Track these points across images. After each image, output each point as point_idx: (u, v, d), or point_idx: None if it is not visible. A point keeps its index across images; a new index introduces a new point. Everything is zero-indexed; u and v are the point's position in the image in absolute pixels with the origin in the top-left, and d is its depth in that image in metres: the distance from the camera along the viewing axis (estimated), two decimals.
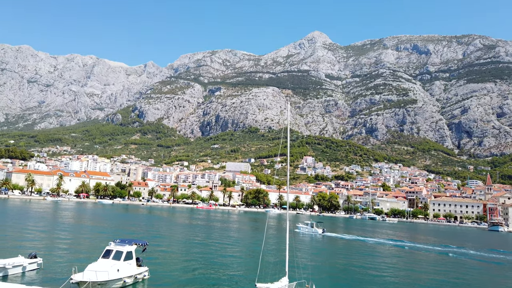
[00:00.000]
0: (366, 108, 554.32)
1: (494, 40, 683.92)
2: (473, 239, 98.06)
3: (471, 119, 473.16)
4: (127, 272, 26.05)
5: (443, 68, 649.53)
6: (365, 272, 37.62)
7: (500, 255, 60.08)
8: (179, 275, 31.21)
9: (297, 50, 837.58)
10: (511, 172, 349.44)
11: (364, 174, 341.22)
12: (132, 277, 26.59)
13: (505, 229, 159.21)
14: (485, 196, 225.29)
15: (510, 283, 38.06)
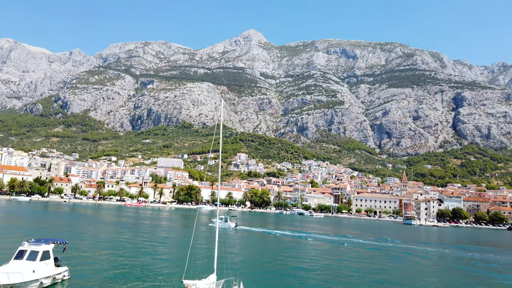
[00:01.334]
0: (298, 107, 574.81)
1: (412, 49, 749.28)
2: (378, 231, 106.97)
3: (391, 121, 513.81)
4: (44, 273, 24.75)
5: (368, 73, 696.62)
6: (289, 265, 39.28)
7: (383, 243, 66.38)
8: (102, 275, 30.17)
9: (233, 47, 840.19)
10: (423, 170, 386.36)
11: (295, 171, 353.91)
12: (50, 278, 25.33)
13: (417, 222, 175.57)
14: (401, 192, 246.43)
15: (376, 264, 42.57)
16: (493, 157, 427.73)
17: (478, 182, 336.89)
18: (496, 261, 50.96)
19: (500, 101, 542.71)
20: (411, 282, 34.05)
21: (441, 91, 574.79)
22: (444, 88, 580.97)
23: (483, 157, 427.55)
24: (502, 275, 40.63)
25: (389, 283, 32.83)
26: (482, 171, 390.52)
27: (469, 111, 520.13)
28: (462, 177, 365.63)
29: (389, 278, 35.06)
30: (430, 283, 33.77)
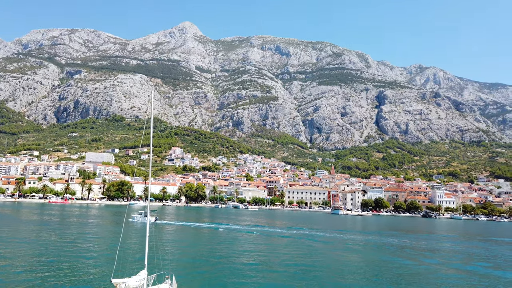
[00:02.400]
0: (234, 102, 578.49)
1: (341, 49, 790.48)
2: (307, 221, 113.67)
3: (321, 117, 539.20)
4: None
5: (301, 70, 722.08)
6: (219, 256, 40.66)
7: (295, 231, 71.66)
8: (23, 279, 28.11)
9: (167, 39, 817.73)
10: (350, 163, 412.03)
11: (230, 165, 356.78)
12: None
13: (344, 212, 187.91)
14: (329, 184, 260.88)
15: (279, 248, 45.89)
16: (410, 151, 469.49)
17: (397, 174, 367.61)
18: (411, 246, 57.37)
19: (416, 100, 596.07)
20: (342, 272, 34.52)
21: (366, 90, 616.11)
22: (368, 86, 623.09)
23: (401, 151, 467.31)
24: (425, 257, 46.10)
25: (312, 268, 34.81)
26: (400, 164, 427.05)
27: (390, 109, 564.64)
28: (384, 170, 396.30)
29: (313, 264, 37.20)
30: (352, 271, 35.51)
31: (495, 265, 37.58)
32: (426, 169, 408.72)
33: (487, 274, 34.38)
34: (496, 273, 33.74)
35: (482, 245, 63.37)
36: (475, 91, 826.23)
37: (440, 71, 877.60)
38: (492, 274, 34.07)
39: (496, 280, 31.67)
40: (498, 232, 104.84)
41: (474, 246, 60.99)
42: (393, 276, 31.60)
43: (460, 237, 79.99)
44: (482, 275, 33.89)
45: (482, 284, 30.03)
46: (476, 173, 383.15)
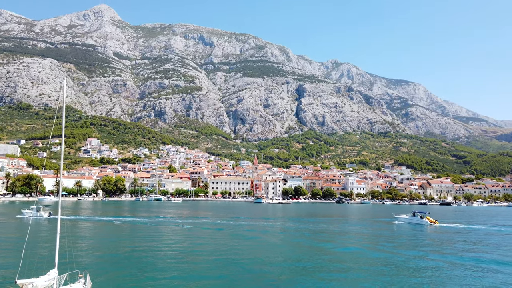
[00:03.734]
0: (156, 91, 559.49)
1: (264, 42, 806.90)
2: (230, 210, 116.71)
3: (245, 108, 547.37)
4: None
5: (225, 61, 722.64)
6: (134, 250, 40.03)
7: (218, 221, 74.82)
8: None
9: (81, 22, 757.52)
10: (272, 154, 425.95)
11: (152, 157, 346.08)
12: None
13: (266, 201, 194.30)
14: (252, 174, 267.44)
15: (202, 239, 46.38)
16: (327, 141, 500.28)
17: (315, 163, 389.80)
18: (326, 230, 62.19)
19: (332, 94, 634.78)
20: (265, 259, 34.91)
21: (287, 82, 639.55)
22: (289, 79, 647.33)
23: (319, 141, 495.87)
24: (330, 243, 50.24)
25: (236, 257, 35.37)
26: (318, 154, 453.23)
27: (308, 101, 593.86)
28: (303, 159, 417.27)
29: (236, 253, 38.11)
30: (275, 257, 36.38)
31: (398, 245, 42.77)
32: (340, 158, 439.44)
33: (392, 251, 39.08)
34: (399, 252, 38.19)
35: (386, 226, 71.23)
36: (383, 87, 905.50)
37: (353, 67, 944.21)
38: (395, 251, 38.77)
39: (400, 257, 36.25)
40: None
41: (379, 228, 68.16)
42: (315, 259, 33.81)
43: (367, 219, 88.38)
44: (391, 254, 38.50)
45: (392, 262, 33.96)
46: (383, 162, 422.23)
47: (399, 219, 77.11)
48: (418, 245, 43.28)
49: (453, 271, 29.51)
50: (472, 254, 37.15)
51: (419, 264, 32.50)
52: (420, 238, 52.41)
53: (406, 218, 76.06)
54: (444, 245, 44.45)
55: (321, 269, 29.51)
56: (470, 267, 31.37)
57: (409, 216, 76.76)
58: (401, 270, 29.78)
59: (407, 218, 75.88)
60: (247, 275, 27.84)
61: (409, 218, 75.33)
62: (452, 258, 34.95)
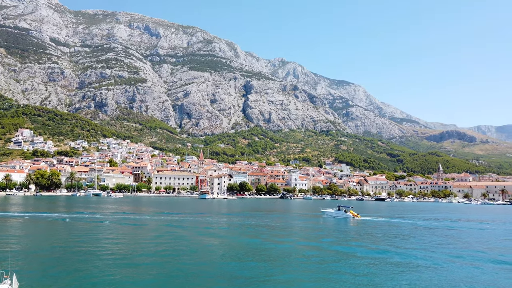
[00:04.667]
0: (97, 81, 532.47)
1: (212, 36, 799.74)
2: (173, 206, 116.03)
3: (191, 102, 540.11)
4: None
5: (171, 53, 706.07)
6: (65, 247, 38.30)
7: (163, 217, 75.13)
8: None
9: (14, 3, 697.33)
10: (218, 149, 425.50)
11: (92, 150, 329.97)
12: None
13: (211, 196, 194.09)
14: (198, 170, 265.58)
15: (143, 236, 44.91)
16: (272, 138, 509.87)
17: (260, 159, 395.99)
18: (267, 225, 64.23)
19: (278, 91, 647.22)
20: (208, 256, 34.92)
21: (235, 78, 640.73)
22: (237, 76, 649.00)
23: (265, 138, 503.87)
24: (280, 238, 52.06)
25: (178, 254, 34.95)
26: (263, 150, 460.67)
27: (255, 98, 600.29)
28: (249, 155, 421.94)
29: (179, 249, 37.98)
30: (218, 253, 36.51)
31: (337, 240, 45.56)
32: (285, 155, 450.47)
33: (328, 248, 41.58)
34: (336, 248, 40.68)
35: (316, 220, 75.19)
36: (326, 87, 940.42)
37: (299, 66, 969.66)
38: (331, 248, 41.29)
39: (333, 252, 38.76)
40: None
41: (309, 222, 71.79)
42: (256, 255, 33.87)
43: (307, 214, 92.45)
44: (328, 249, 40.93)
45: (330, 258, 36.17)
46: (324, 159, 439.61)
47: (325, 213, 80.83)
48: (348, 239, 46.49)
49: (383, 265, 32.30)
50: (388, 245, 40.97)
51: (355, 258, 34.94)
52: (345, 230, 56.01)
53: (332, 212, 79.84)
54: (368, 237, 48.22)
55: (260, 267, 30.39)
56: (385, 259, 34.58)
57: (334, 210, 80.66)
58: (332, 265, 31.72)
59: (333, 212, 79.68)
60: (187, 273, 27.10)
61: (334, 212, 79.18)
62: (380, 252, 38.21)
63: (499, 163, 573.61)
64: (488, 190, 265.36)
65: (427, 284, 24.47)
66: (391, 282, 24.57)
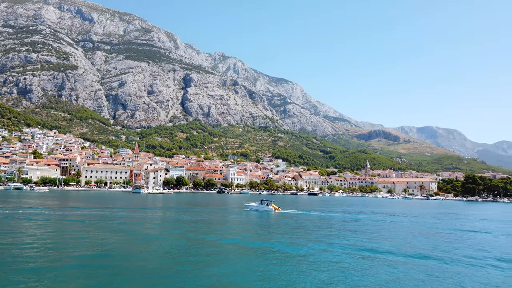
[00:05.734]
0: (20, 65, 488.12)
1: (150, 25, 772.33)
2: (104, 201, 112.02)
3: (127, 92, 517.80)
4: None
5: (106, 40, 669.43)
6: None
7: (93, 212, 73.28)
8: None
9: None
10: (154, 142, 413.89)
11: (13, 140, 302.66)
12: None
13: (145, 191, 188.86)
14: (132, 163, 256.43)
15: (68, 234, 41.18)
16: (211, 132, 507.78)
17: (198, 153, 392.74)
18: (202, 220, 64.60)
19: (218, 86, 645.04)
20: (141, 255, 34.11)
21: (174, 70, 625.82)
22: (176, 67, 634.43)
23: (203, 132, 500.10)
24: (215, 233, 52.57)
25: (107, 253, 35.29)
26: (202, 144, 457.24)
27: (195, 91, 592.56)
28: (186, 149, 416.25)
29: (108, 247, 37.77)
30: (152, 251, 35.96)
31: (257, 235, 47.26)
32: (223, 149, 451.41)
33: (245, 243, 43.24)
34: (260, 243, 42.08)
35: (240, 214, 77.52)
36: (265, 83, 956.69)
37: (239, 61, 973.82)
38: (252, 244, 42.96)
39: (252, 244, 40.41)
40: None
41: (234, 216, 73.79)
42: (192, 254, 34.18)
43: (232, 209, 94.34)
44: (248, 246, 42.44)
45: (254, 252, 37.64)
46: (262, 154, 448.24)
47: (248, 207, 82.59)
48: (271, 233, 48.77)
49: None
50: (307, 236, 43.98)
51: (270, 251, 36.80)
52: (267, 223, 58.52)
53: (255, 206, 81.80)
54: (283, 229, 51.06)
55: (198, 262, 30.75)
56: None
57: (257, 204, 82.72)
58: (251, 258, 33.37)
59: (256, 206, 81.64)
60: (120, 271, 24.97)
61: (257, 206, 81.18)
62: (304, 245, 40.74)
63: (419, 161, 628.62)
64: (408, 186, 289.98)
65: (309, 268, 26.42)
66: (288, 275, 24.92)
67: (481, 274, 25.75)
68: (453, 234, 48.83)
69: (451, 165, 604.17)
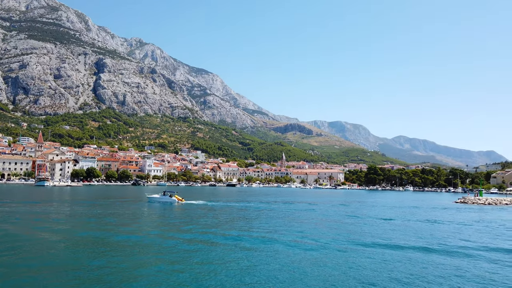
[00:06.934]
0: None
1: (58, 3, 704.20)
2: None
3: (29, 76, 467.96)
4: None
5: (4, 16, 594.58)
6: None
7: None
8: None
9: None
10: (62, 131, 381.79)
11: None
12: None
13: (51, 183, 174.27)
14: (36, 153, 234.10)
15: None
16: (126, 122, 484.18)
17: (112, 143, 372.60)
18: (96, 214, 62.57)
19: (135, 73, 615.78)
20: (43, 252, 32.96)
21: (85, 54, 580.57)
22: (88, 51, 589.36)
23: (118, 121, 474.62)
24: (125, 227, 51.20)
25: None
26: (116, 134, 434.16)
27: (109, 78, 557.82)
28: (99, 139, 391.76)
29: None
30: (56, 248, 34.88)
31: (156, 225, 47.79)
32: (139, 140, 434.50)
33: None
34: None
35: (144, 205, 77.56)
36: (185, 73, 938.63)
37: (158, 49, 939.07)
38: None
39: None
40: (195, 195, 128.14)
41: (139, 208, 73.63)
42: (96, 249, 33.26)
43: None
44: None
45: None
46: (181, 145, 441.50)
47: (151, 199, 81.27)
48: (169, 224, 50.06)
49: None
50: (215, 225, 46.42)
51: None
52: (170, 215, 59.76)
53: (158, 197, 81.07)
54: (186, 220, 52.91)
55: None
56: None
57: (160, 195, 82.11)
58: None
59: (159, 197, 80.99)
60: (21, 274, 22.08)
61: (160, 197, 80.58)
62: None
63: (329, 153, 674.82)
64: (319, 176, 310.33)
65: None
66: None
67: (357, 256, 30.05)
68: (352, 221, 54.84)
69: (357, 157, 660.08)
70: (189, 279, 21.52)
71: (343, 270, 23.97)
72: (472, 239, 38.06)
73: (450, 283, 21.70)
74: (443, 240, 36.73)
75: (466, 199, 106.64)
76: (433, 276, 23.14)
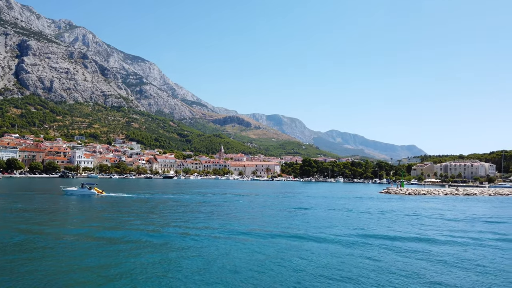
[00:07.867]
0: None
1: None
2: None
3: None
4: None
5: None
6: None
7: None
8: None
9: None
10: None
11: None
12: None
13: None
14: None
15: None
16: (53, 109, 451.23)
17: (37, 133, 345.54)
18: (24, 209, 59.10)
19: (64, 58, 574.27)
20: None
21: (6, 34, 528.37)
22: (9, 31, 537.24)
23: (44, 109, 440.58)
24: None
25: None
26: (41, 123, 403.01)
27: (33, 62, 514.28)
28: (22, 128, 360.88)
29: None
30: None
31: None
32: (68, 129, 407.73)
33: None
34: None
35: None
36: (120, 60, 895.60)
37: (90, 33, 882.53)
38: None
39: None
40: (120, 188, 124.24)
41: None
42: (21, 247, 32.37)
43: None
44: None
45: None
46: (114, 136, 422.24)
47: (68, 192, 77.83)
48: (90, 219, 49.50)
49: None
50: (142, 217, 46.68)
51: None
52: (88, 209, 58.95)
53: (75, 190, 78.09)
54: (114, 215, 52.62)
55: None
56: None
57: (77, 188, 79.17)
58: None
59: (76, 190, 78.04)
60: None
61: (77, 190, 77.69)
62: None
63: (267, 146, 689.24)
64: (257, 168, 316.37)
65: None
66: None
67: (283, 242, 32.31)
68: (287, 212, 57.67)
69: (293, 150, 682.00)
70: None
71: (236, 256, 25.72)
72: (375, 227, 42.34)
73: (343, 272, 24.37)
74: (345, 228, 40.44)
75: (390, 190, 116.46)
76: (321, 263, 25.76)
